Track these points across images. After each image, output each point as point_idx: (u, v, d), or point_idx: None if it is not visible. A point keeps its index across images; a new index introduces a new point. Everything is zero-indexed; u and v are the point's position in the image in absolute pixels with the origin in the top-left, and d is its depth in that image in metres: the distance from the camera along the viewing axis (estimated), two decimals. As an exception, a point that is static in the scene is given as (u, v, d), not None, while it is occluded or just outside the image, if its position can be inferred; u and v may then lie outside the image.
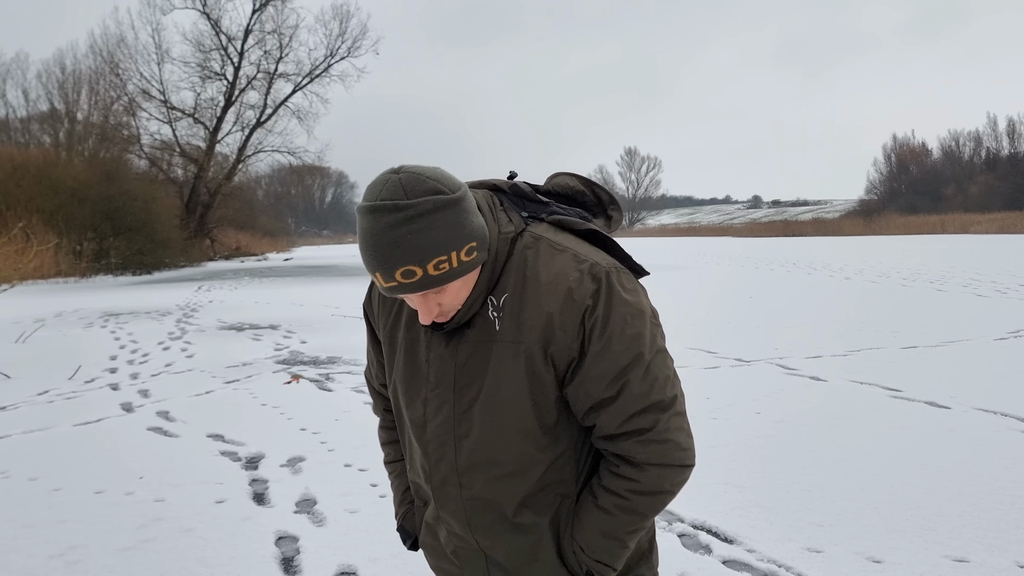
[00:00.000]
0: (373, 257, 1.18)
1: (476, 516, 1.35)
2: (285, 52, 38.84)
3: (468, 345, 1.29)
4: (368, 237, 1.18)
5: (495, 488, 1.32)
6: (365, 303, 1.52)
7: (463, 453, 1.31)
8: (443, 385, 1.32)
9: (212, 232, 39.09)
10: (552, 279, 1.25)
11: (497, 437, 1.29)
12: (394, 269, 1.17)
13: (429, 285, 1.19)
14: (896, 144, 79.91)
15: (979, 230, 48.85)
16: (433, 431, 1.34)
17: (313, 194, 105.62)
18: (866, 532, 3.22)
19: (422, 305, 1.23)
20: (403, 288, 1.19)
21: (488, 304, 1.28)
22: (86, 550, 3.24)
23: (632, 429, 1.27)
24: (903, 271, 18.65)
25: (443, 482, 1.35)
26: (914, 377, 6.28)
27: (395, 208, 1.15)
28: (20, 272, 21.18)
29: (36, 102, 35.66)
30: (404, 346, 1.38)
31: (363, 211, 1.18)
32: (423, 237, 1.16)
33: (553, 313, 1.24)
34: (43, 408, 6.02)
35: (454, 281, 1.21)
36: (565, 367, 1.26)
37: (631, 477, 1.28)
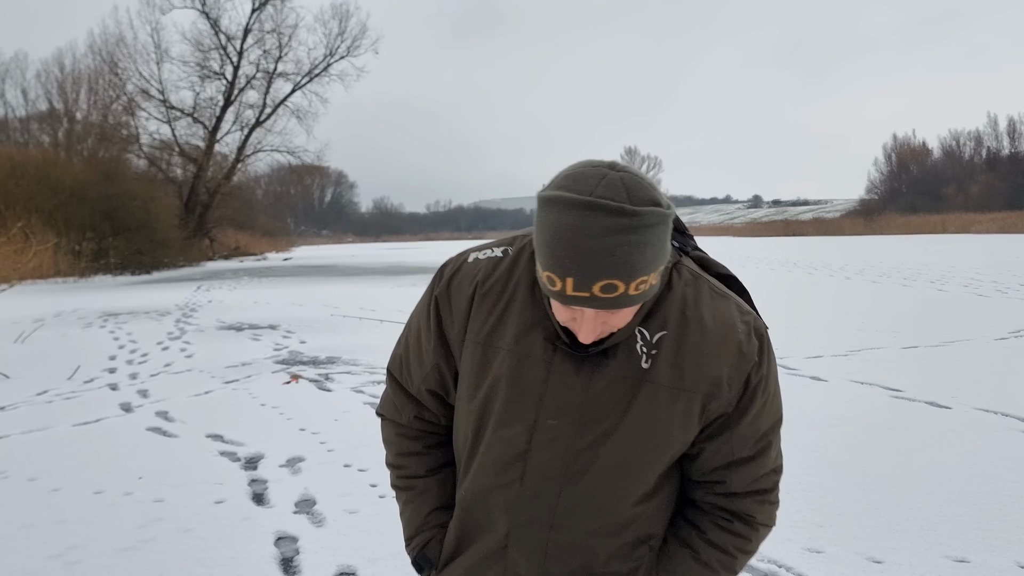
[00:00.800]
0: (573, 260, 1.00)
1: (558, 563, 1.20)
2: (284, 51, 38.88)
3: (604, 378, 1.14)
4: (572, 236, 1.00)
5: (592, 536, 1.19)
6: (441, 293, 1.26)
7: (570, 495, 1.17)
8: (565, 416, 1.15)
9: (211, 232, 39.07)
10: (720, 328, 1.15)
11: (617, 484, 1.17)
12: (596, 279, 1.00)
13: (623, 304, 1.04)
14: (896, 144, 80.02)
15: (980, 230, 48.87)
16: (538, 464, 1.17)
17: (312, 194, 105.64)
18: (866, 532, 3.21)
19: (591, 321, 1.06)
20: (594, 302, 1.02)
21: (636, 337, 1.14)
22: (85, 550, 3.23)
23: (758, 489, 1.22)
24: (904, 271, 18.65)
25: (532, 519, 1.19)
26: (915, 377, 6.28)
27: (620, 212, 0.99)
28: (19, 272, 21.17)
29: (35, 102, 35.68)
30: (509, 359, 1.18)
31: (571, 204, 1.01)
32: (638, 252, 1.01)
33: (723, 367, 1.14)
34: (42, 408, 6.01)
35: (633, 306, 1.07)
36: (712, 421, 1.18)
37: (744, 535, 1.23)
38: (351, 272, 25.36)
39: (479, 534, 1.26)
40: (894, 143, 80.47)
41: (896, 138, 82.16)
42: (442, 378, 1.30)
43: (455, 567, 1.29)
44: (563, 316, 1.10)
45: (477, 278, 1.23)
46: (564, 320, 1.10)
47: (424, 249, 54.08)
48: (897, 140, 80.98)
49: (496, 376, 1.19)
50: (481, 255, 1.26)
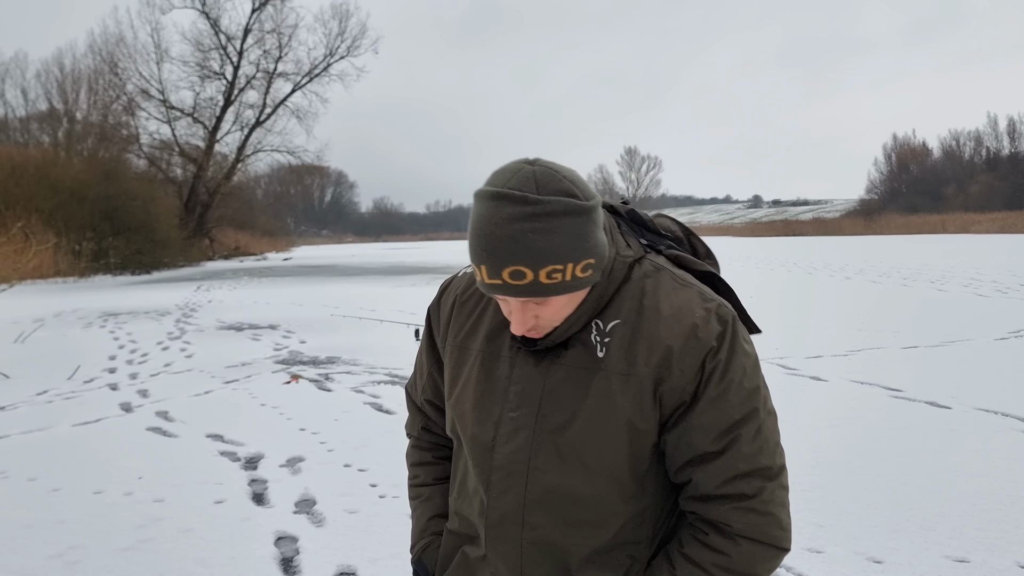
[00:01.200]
0: (484, 247, 1.07)
1: (533, 564, 1.19)
2: (284, 51, 38.96)
3: (562, 369, 1.17)
4: (484, 224, 1.07)
5: (564, 534, 1.17)
6: (432, 306, 1.37)
7: (536, 487, 1.17)
8: (525, 407, 1.18)
9: (211, 232, 39.09)
10: (675, 312, 1.15)
11: (581, 475, 1.15)
12: (504, 266, 1.06)
13: (535, 293, 1.08)
14: (896, 144, 79.97)
15: (980, 230, 48.87)
16: (503, 457, 1.19)
17: (312, 194, 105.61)
18: (867, 532, 3.21)
19: (518, 312, 1.12)
20: (506, 289, 1.08)
21: (592, 328, 1.17)
22: (85, 550, 3.23)
23: (733, 493, 1.13)
24: (904, 271, 18.65)
25: (502, 519, 1.19)
26: (915, 377, 6.28)
27: (523, 200, 1.05)
28: (19, 272, 21.17)
29: (35, 101, 35.71)
30: (481, 359, 1.24)
31: (485, 196, 1.08)
32: (544, 239, 1.05)
33: (673, 348, 1.13)
34: (42, 408, 6.01)
35: (560, 296, 1.10)
36: (671, 410, 1.15)
37: (721, 550, 1.14)
38: (351, 272, 25.37)
39: (468, 540, 1.28)
40: (894, 143, 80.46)
41: (896, 138, 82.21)
42: (436, 387, 1.38)
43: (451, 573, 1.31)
44: (503, 309, 1.16)
45: (458, 289, 1.34)
46: (505, 313, 1.16)
47: (424, 249, 54.09)
48: (897, 140, 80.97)
49: (468, 375, 1.26)
50: (468, 269, 1.34)
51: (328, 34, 44.13)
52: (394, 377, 6.93)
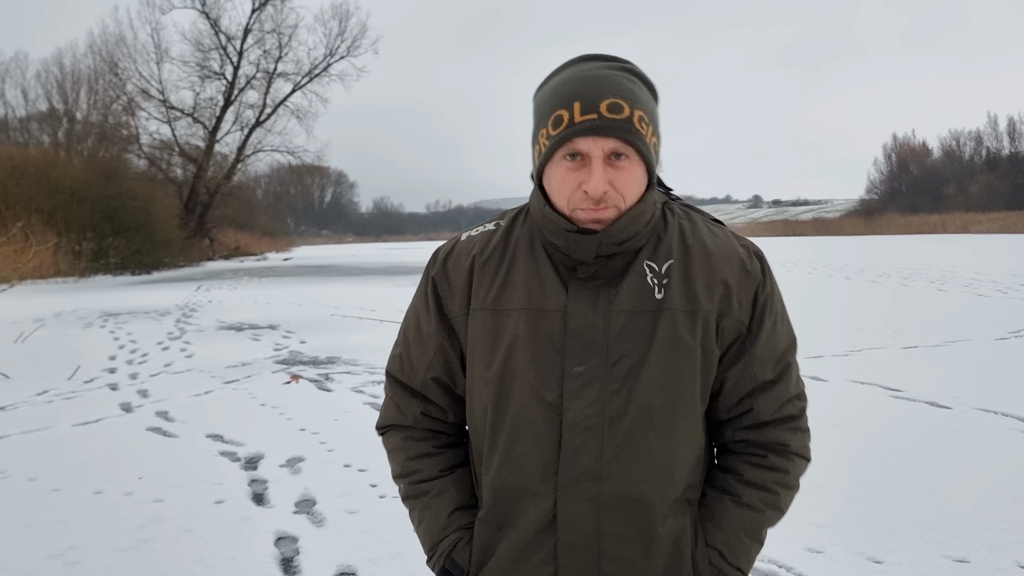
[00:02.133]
0: (579, 86, 1.09)
1: (614, 520, 1.14)
2: (284, 51, 38.91)
3: (622, 315, 1.14)
4: (577, 73, 1.12)
5: (643, 485, 1.14)
6: (437, 273, 1.26)
7: (612, 439, 1.13)
8: (592, 359, 1.13)
9: (211, 232, 39.08)
10: (722, 251, 1.20)
11: (660, 423, 1.14)
12: (602, 97, 1.08)
13: (629, 133, 1.08)
14: (896, 144, 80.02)
15: (980, 230, 48.87)
16: (576, 413, 1.13)
17: (312, 194, 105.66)
18: (866, 532, 3.21)
19: (599, 169, 1.09)
20: (601, 123, 1.07)
21: (646, 271, 1.16)
22: (85, 550, 3.23)
23: (787, 415, 1.22)
24: (904, 271, 18.65)
25: (579, 477, 1.13)
26: (915, 377, 6.28)
27: (615, 58, 1.14)
28: (19, 272, 21.17)
29: (35, 102, 35.72)
30: (524, 317, 1.16)
31: (572, 61, 1.15)
32: (637, 88, 1.12)
33: (731, 283, 1.17)
34: (42, 408, 6.01)
35: (638, 162, 1.11)
36: (730, 343, 1.19)
37: (781, 468, 1.21)
38: (351, 272, 25.36)
39: (519, 516, 1.18)
40: (894, 143, 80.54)
41: (896, 138, 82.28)
42: (447, 361, 1.26)
43: (496, 563, 1.20)
44: (570, 185, 1.12)
45: (474, 251, 1.24)
46: (571, 191, 1.12)
47: (424, 249, 54.10)
48: (897, 140, 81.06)
49: (513, 337, 1.17)
50: (474, 232, 1.28)
51: (328, 34, 44.14)
52: (394, 377, 6.92)
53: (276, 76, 39.08)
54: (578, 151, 1.10)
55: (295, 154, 41.64)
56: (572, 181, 1.12)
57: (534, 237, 1.21)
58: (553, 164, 1.14)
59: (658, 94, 1.18)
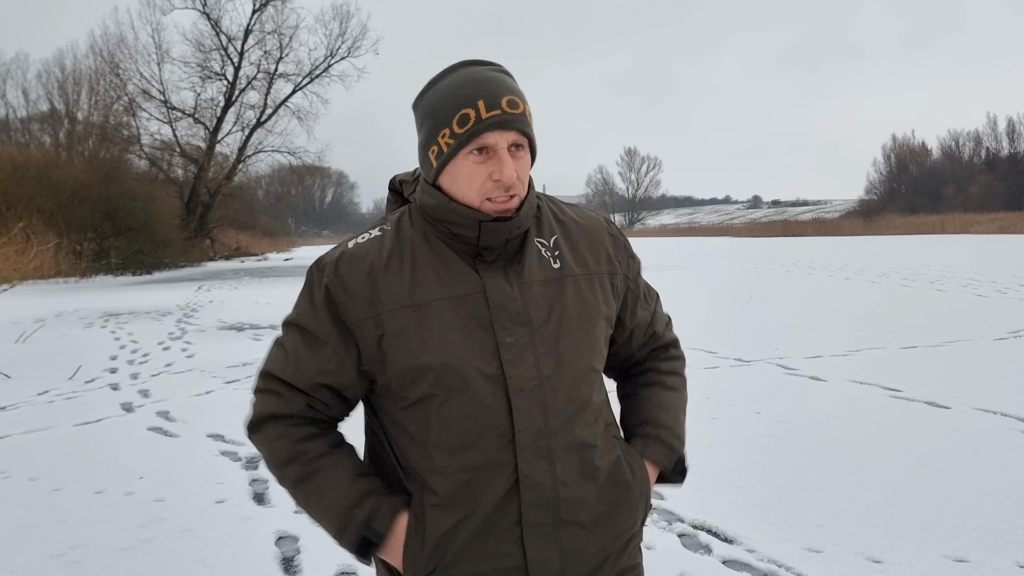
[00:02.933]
0: (479, 86, 1.21)
1: (568, 469, 1.25)
2: (285, 52, 38.87)
3: (533, 286, 1.27)
4: (472, 74, 1.23)
5: (581, 430, 1.27)
6: (330, 281, 1.24)
7: (554, 396, 1.24)
8: (519, 328, 1.24)
9: (212, 232, 39.09)
10: (589, 222, 1.39)
11: (584, 370, 1.29)
12: (502, 95, 1.21)
13: (526, 125, 1.23)
14: (896, 144, 79.93)
15: (979, 230, 48.84)
16: (519, 380, 1.22)
17: (313, 194, 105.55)
18: (866, 532, 3.22)
19: (508, 160, 1.22)
20: (504, 117, 1.20)
21: (538, 247, 1.31)
22: (86, 550, 3.24)
23: (667, 321, 1.53)
24: (903, 271, 18.66)
25: (535, 437, 1.22)
26: (914, 377, 6.28)
27: (491, 64, 1.27)
28: (20, 272, 21.18)
29: (36, 102, 35.73)
30: (445, 305, 1.23)
31: (457, 66, 1.26)
32: (521, 90, 1.26)
33: (608, 247, 1.38)
34: (43, 408, 6.02)
35: (528, 152, 1.26)
36: (623, 295, 1.40)
37: (679, 356, 1.52)
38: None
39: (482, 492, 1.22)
40: (893, 143, 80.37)
41: (895, 138, 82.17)
42: (341, 369, 1.25)
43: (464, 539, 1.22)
44: (480, 177, 1.22)
45: (370, 257, 1.26)
46: (482, 182, 1.22)
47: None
48: (896, 140, 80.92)
49: (440, 326, 1.22)
50: (360, 239, 1.30)
51: (329, 35, 44.26)
52: (394, 377, 6.93)
53: (277, 77, 39.10)
54: (485, 145, 1.21)
55: (296, 155, 41.62)
56: (481, 173, 1.22)
57: (428, 235, 1.28)
58: (458, 161, 1.22)
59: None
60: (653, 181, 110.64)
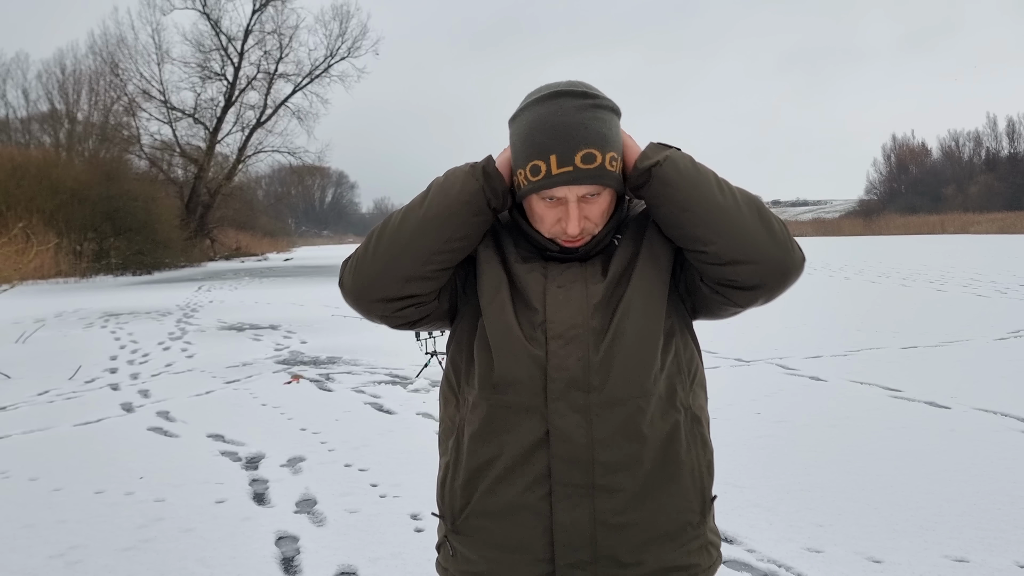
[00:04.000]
0: (553, 137, 1.15)
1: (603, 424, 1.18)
2: (285, 52, 38.87)
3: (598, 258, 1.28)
4: (550, 117, 1.16)
5: (629, 388, 1.19)
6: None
7: (599, 349, 1.19)
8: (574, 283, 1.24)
9: (212, 232, 39.07)
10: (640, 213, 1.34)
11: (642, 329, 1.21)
12: (577, 149, 1.15)
13: (602, 178, 1.17)
14: (896, 144, 79.94)
15: (979, 230, 48.84)
16: (558, 325, 1.19)
17: (313, 194, 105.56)
18: (866, 532, 3.22)
19: (575, 211, 1.19)
20: (577, 174, 1.15)
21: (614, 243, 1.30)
22: (86, 550, 3.24)
23: None
24: (903, 271, 18.65)
25: (567, 386, 1.18)
26: (914, 377, 6.28)
27: (583, 94, 1.18)
28: (20, 272, 21.16)
29: (36, 102, 35.74)
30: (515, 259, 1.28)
31: (543, 97, 1.19)
32: (606, 127, 1.18)
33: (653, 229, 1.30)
34: (43, 408, 6.02)
35: (608, 193, 1.22)
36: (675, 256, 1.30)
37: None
38: (351, 272, 25.31)
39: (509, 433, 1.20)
40: (893, 144, 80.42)
41: (895, 139, 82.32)
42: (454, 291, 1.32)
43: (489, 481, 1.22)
44: (549, 221, 1.22)
45: None
46: (550, 225, 1.22)
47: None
48: (896, 141, 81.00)
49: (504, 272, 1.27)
50: None
51: (329, 35, 44.24)
52: (395, 377, 6.93)
53: (277, 77, 39.10)
54: (555, 196, 1.20)
55: (296, 155, 41.63)
56: (551, 217, 1.23)
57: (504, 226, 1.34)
58: (533, 200, 1.24)
59: (620, 112, 1.25)
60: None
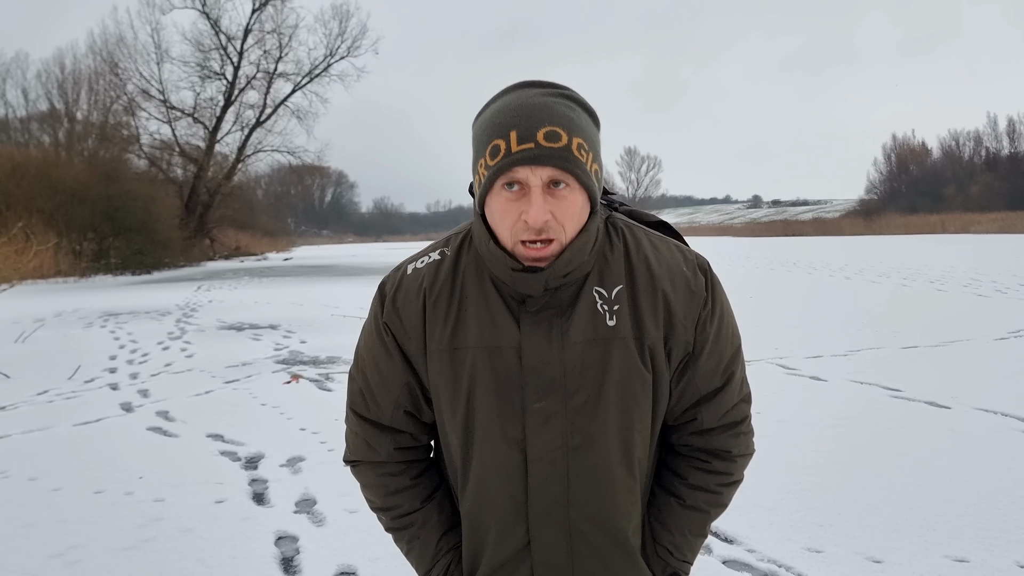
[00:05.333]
0: (516, 115, 1.07)
1: (584, 543, 1.20)
2: (285, 52, 38.87)
3: (577, 346, 1.15)
4: (513, 101, 1.10)
5: (608, 507, 1.19)
6: (388, 315, 1.24)
7: (578, 468, 1.17)
8: (550, 394, 1.15)
9: (212, 232, 39.05)
10: (666, 271, 1.19)
11: (618, 445, 1.18)
12: (539, 127, 1.06)
13: (567, 160, 1.07)
14: (896, 144, 79.80)
15: (979, 230, 48.83)
16: (539, 448, 1.16)
17: (313, 194, 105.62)
18: (866, 532, 3.22)
19: (539, 198, 1.07)
20: (538, 152, 1.05)
21: (595, 297, 1.16)
22: (86, 550, 3.24)
23: (729, 422, 1.26)
24: (903, 271, 18.65)
25: (550, 507, 1.18)
26: (914, 377, 6.28)
27: (552, 84, 1.13)
28: (20, 272, 21.18)
29: (36, 102, 35.66)
30: (480, 356, 1.17)
31: (509, 89, 1.14)
32: (575, 114, 1.10)
33: (674, 304, 1.18)
34: (43, 408, 6.01)
35: (578, 190, 1.09)
36: (679, 362, 1.21)
37: (724, 471, 1.27)
38: (351, 272, 25.36)
39: (494, 543, 1.23)
40: (893, 143, 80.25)
41: (896, 138, 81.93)
42: (413, 397, 1.26)
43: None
44: (511, 218, 1.10)
45: (424, 286, 1.22)
46: (511, 223, 1.10)
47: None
48: (896, 140, 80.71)
49: (471, 376, 1.18)
50: (419, 264, 1.25)
51: (328, 34, 44.13)
52: (394, 377, 6.92)
53: (276, 76, 39.09)
54: (516, 180, 1.09)
55: (295, 154, 41.64)
56: (513, 212, 1.10)
57: (481, 268, 1.20)
58: (493, 194, 1.12)
59: (599, 120, 1.17)
60: (653, 181, 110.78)
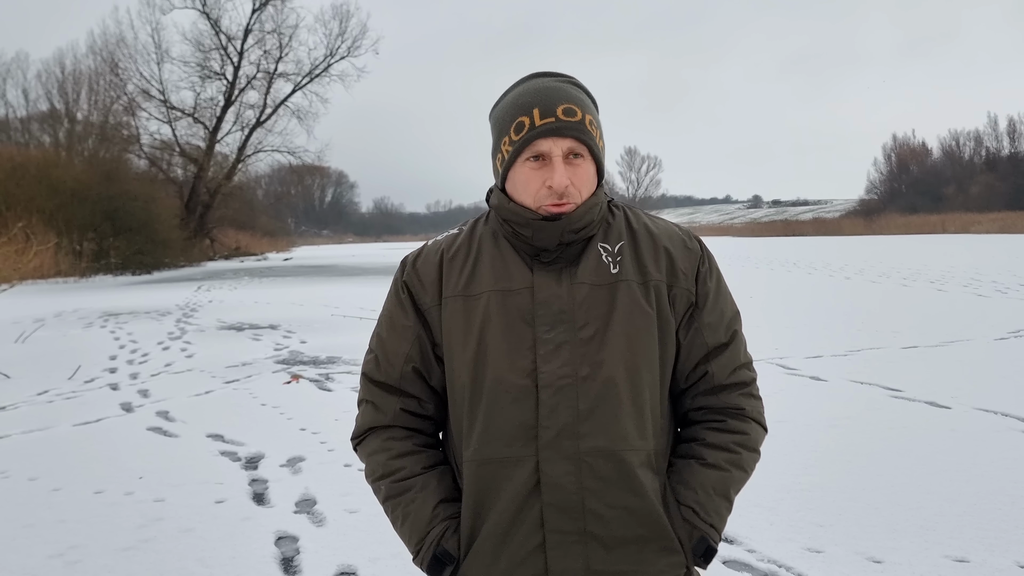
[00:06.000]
0: (536, 95, 1.25)
1: (592, 475, 1.21)
2: (285, 52, 38.86)
3: (583, 287, 1.26)
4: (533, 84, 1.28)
5: (618, 440, 1.22)
6: (408, 274, 1.36)
7: (586, 396, 1.22)
8: (561, 325, 1.24)
9: (212, 232, 39.05)
10: (663, 232, 1.35)
11: (626, 377, 1.24)
12: (558, 103, 1.24)
13: (583, 133, 1.24)
14: (896, 144, 79.80)
15: (980, 230, 48.82)
16: (549, 375, 1.23)
17: (313, 194, 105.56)
18: (866, 532, 3.22)
19: (560, 165, 1.23)
20: (558, 125, 1.22)
21: (600, 252, 1.29)
22: (86, 550, 3.24)
23: (739, 381, 1.33)
24: (903, 271, 18.65)
25: (558, 435, 1.21)
26: (914, 377, 6.28)
27: (561, 75, 1.30)
28: (20, 272, 21.18)
29: (36, 102, 35.67)
30: (493, 298, 1.27)
31: (524, 77, 1.31)
32: (584, 99, 1.28)
33: (675, 256, 1.31)
34: (43, 408, 6.01)
35: (590, 160, 1.27)
36: (683, 312, 1.31)
37: (740, 430, 1.32)
38: (351, 272, 25.36)
39: (501, 490, 1.23)
40: (894, 143, 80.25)
41: (896, 138, 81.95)
42: (423, 351, 1.34)
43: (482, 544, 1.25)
44: (535, 184, 1.25)
45: (441, 248, 1.36)
46: (536, 189, 1.25)
47: (424, 249, 53.84)
48: (897, 140, 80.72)
49: (484, 316, 1.27)
50: (440, 237, 1.41)
51: (328, 35, 44.17)
52: (394, 377, 6.93)
53: (276, 76, 39.07)
54: (540, 152, 1.24)
55: (295, 154, 41.60)
56: (536, 180, 1.25)
57: (496, 233, 1.34)
58: (517, 168, 1.27)
59: (598, 105, 1.34)
60: (653, 181, 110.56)
